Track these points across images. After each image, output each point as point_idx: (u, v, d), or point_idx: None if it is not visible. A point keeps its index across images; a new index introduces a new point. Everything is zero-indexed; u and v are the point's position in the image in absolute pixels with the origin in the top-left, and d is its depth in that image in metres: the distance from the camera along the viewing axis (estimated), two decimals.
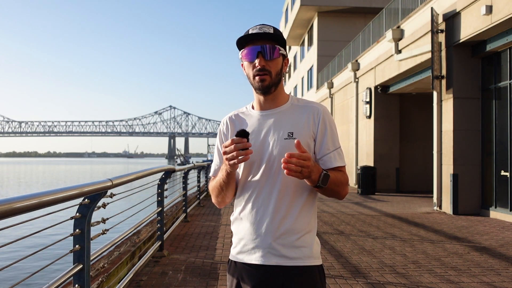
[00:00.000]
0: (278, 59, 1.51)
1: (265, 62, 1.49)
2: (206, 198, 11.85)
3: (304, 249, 1.48)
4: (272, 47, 1.49)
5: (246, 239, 1.52)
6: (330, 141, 1.53)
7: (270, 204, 1.48)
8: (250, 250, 1.50)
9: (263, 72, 1.49)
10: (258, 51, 1.48)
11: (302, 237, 1.48)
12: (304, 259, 1.47)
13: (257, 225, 1.49)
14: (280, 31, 1.55)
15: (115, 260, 4.23)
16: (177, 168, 5.89)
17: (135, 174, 3.43)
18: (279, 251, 1.46)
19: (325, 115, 1.55)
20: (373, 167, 13.67)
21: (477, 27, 8.11)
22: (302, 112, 1.55)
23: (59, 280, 2.16)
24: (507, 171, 8.25)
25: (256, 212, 1.50)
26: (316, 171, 1.39)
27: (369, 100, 14.68)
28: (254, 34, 1.48)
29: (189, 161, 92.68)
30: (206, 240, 6.04)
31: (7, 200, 1.60)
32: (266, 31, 1.49)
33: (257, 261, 1.48)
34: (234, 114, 1.64)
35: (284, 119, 1.53)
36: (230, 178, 1.50)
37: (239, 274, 1.52)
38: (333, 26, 24.38)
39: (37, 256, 2.27)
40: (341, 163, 1.54)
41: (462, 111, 9.06)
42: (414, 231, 6.89)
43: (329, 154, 1.52)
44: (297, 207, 1.49)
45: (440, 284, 4.00)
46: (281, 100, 1.57)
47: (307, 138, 1.51)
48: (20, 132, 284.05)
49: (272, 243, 1.46)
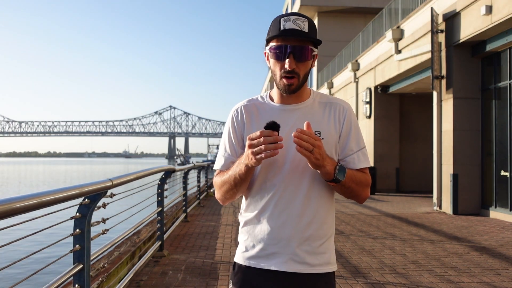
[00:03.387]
0: (309, 61, 1.39)
1: (296, 64, 1.35)
2: (206, 198, 11.85)
3: (325, 256, 1.42)
4: (305, 49, 1.35)
5: (264, 243, 1.40)
6: (354, 142, 1.45)
7: (295, 207, 1.38)
8: (269, 255, 1.39)
9: (291, 74, 1.36)
10: (290, 52, 1.34)
11: (325, 243, 1.42)
12: (325, 266, 1.41)
13: (279, 229, 1.38)
14: (314, 25, 1.39)
15: (115, 260, 4.23)
16: (177, 168, 5.89)
17: (135, 174, 3.43)
18: (302, 258, 1.38)
19: (351, 114, 1.48)
20: (373, 167, 13.68)
21: (477, 27, 8.11)
22: (327, 109, 1.46)
23: (59, 280, 2.16)
24: (507, 171, 8.25)
25: (278, 215, 1.38)
26: (331, 162, 1.32)
27: (369, 100, 14.68)
28: (288, 30, 1.33)
29: (189, 161, 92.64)
30: (206, 240, 6.04)
31: (7, 200, 1.60)
32: (301, 26, 1.33)
33: (277, 267, 1.38)
34: (249, 103, 1.50)
35: (309, 116, 1.42)
36: (248, 174, 1.36)
37: (251, 280, 1.42)
38: (333, 26, 24.38)
39: (37, 256, 2.28)
40: (365, 164, 1.46)
41: (462, 111, 9.06)
42: (414, 231, 6.89)
43: (352, 155, 1.44)
44: (323, 211, 1.41)
45: (440, 284, 4.00)
46: (304, 95, 1.46)
47: (335, 137, 1.44)
48: (20, 132, 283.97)
49: (296, 249, 1.37)
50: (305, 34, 1.34)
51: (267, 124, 1.25)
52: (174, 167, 5.34)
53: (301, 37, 1.34)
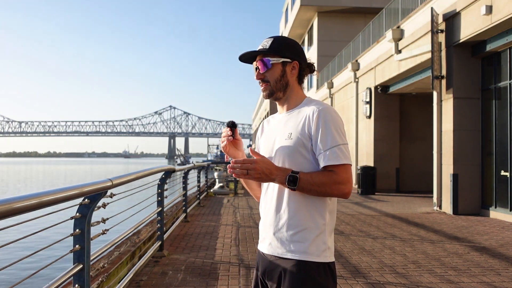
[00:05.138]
0: (272, 69, 1.64)
1: (262, 74, 1.66)
2: (206, 198, 11.86)
3: (302, 245, 1.54)
4: (263, 61, 1.64)
5: (261, 230, 1.70)
6: (323, 140, 1.52)
7: (273, 199, 1.62)
8: (263, 240, 1.67)
9: (263, 83, 1.67)
10: (256, 67, 1.68)
11: (301, 233, 1.55)
12: (300, 254, 1.54)
13: (265, 218, 1.66)
14: (280, 40, 1.67)
15: (115, 260, 4.23)
16: (177, 168, 5.89)
17: (135, 174, 3.42)
18: (278, 243, 1.59)
19: (322, 113, 1.55)
20: (373, 167, 13.67)
21: (477, 27, 8.11)
22: (303, 112, 1.61)
23: (59, 280, 2.16)
24: (507, 171, 8.25)
25: (265, 206, 1.67)
26: (282, 174, 1.51)
27: (369, 100, 14.68)
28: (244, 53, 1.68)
29: (189, 161, 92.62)
30: (206, 240, 6.04)
31: (7, 200, 1.60)
32: (264, 45, 1.66)
33: (266, 250, 1.64)
34: (268, 118, 1.84)
35: (290, 121, 1.63)
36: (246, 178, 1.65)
37: (258, 260, 1.70)
38: (333, 26, 24.38)
39: (37, 256, 2.28)
40: (332, 162, 1.51)
41: (462, 111, 9.06)
42: (414, 231, 6.89)
43: (321, 153, 1.53)
44: (293, 204, 1.57)
45: (440, 284, 4.00)
46: (294, 103, 1.68)
47: (303, 138, 1.56)
48: (20, 132, 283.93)
49: (273, 235, 1.61)
50: (259, 52, 1.65)
51: (227, 122, 1.72)
52: (174, 167, 5.33)
53: (258, 54, 1.66)
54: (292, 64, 1.66)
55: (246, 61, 1.73)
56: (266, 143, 1.70)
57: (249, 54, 1.68)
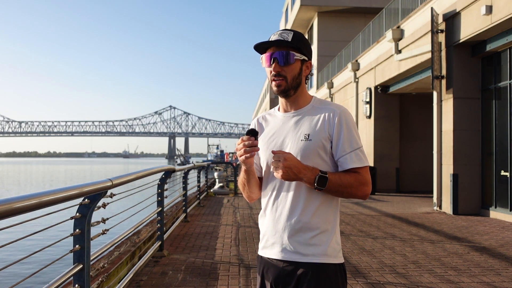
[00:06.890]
0: (294, 65, 1.57)
1: (280, 67, 1.55)
2: (206, 198, 11.86)
3: (320, 247, 1.52)
4: (287, 54, 1.55)
5: (268, 235, 1.60)
6: (347, 143, 1.54)
7: (287, 202, 1.56)
8: (271, 246, 1.59)
9: (279, 77, 1.56)
10: (274, 57, 1.56)
11: (319, 236, 1.53)
12: (320, 257, 1.51)
13: (276, 222, 1.57)
14: (300, 35, 1.59)
15: (115, 260, 4.23)
16: (177, 168, 5.88)
17: (135, 174, 3.42)
18: (294, 247, 1.53)
19: (342, 116, 1.56)
20: (373, 167, 13.67)
21: (477, 27, 8.11)
22: (320, 113, 1.59)
23: (59, 280, 2.16)
24: (507, 171, 8.25)
25: (275, 209, 1.58)
26: (310, 174, 1.47)
27: (369, 100, 14.68)
28: (269, 41, 1.56)
29: (189, 161, 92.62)
30: (206, 240, 6.04)
31: (7, 200, 1.60)
32: (285, 37, 1.55)
33: (275, 256, 1.57)
34: (263, 115, 1.74)
35: (303, 121, 1.59)
36: (248, 175, 1.62)
37: (263, 267, 1.62)
38: (333, 26, 24.36)
39: (37, 256, 2.28)
40: (358, 164, 1.54)
41: (462, 111, 9.06)
42: (414, 231, 6.89)
43: (345, 155, 1.54)
44: (312, 205, 1.54)
45: (440, 284, 3.99)
46: (302, 102, 1.63)
47: (323, 140, 1.55)
48: (20, 132, 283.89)
49: (288, 239, 1.54)
50: (285, 42, 1.54)
51: (247, 131, 1.50)
52: (174, 167, 5.33)
53: (281, 45, 1.55)
54: (307, 63, 1.62)
55: (258, 50, 1.62)
56: (271, 142, 1.61)
57: (275, 44, 1.56)
